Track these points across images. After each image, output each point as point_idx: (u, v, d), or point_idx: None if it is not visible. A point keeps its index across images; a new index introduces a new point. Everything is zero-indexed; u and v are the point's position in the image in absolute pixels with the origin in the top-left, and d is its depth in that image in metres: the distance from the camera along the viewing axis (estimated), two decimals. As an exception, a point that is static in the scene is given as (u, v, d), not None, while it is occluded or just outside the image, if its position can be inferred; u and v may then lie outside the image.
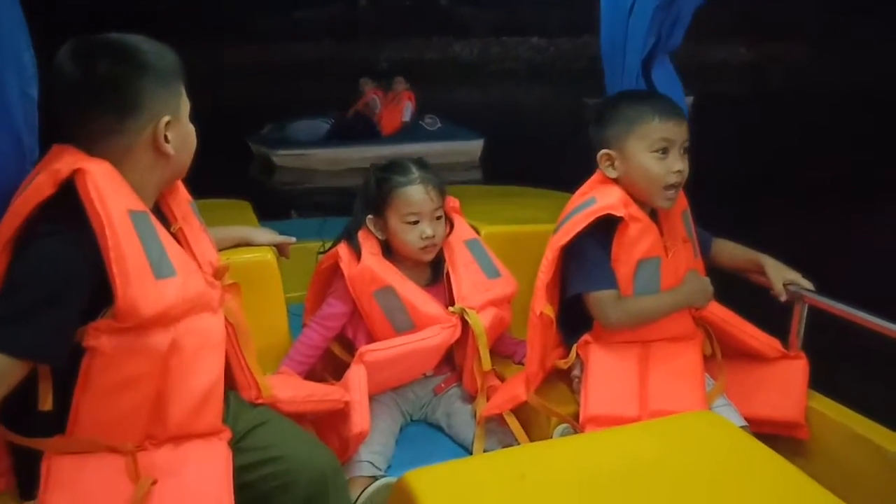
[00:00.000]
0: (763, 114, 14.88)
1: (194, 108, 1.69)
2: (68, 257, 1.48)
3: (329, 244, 2.31)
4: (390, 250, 2.25)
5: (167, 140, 1.60)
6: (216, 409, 1.65)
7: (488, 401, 2.19)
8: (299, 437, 1.80)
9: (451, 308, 2.19)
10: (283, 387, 1.91)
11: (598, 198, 2.13)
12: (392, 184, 2.20)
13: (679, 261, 2.15)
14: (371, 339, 2.23)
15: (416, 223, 2.19)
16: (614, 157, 2.13)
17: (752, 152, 10.90)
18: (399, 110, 11.14)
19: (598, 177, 2.20)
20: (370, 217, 2.23)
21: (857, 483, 1.95)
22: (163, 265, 1.54)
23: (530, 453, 1.66)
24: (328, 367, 2.32)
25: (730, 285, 2.33)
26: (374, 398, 2.14)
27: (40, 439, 1.52)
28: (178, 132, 1.63)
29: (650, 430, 1.68)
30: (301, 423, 1.91)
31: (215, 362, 1.65)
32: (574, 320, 2.21)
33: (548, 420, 2.16)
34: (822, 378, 2.20)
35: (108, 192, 1.51)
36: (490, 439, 2.16)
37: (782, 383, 2.17)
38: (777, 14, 24.69)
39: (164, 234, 1.60)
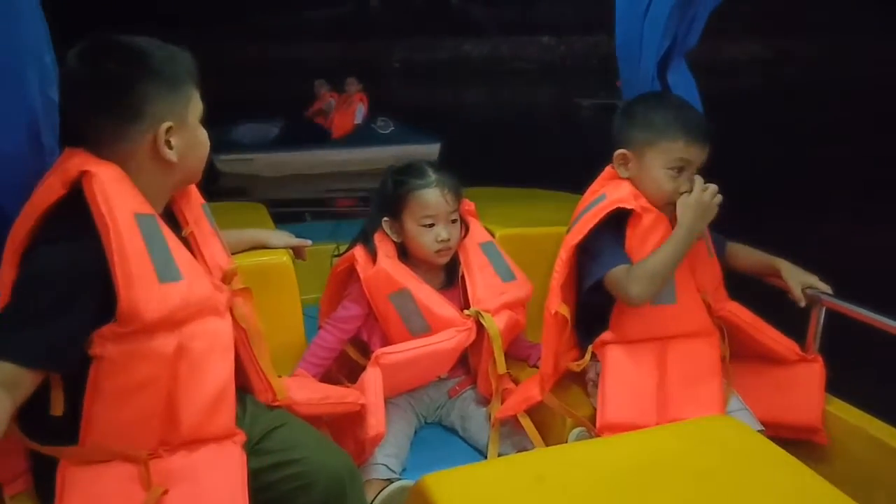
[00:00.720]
0: (774, 110, 14.80)
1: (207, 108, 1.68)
2: (75, 262, 1.48)
3: (344, 247, 2.31)
4: (406, 253, 2.25)
5: (171, 146, 1.59)
6: (228, 411, 1.65)
7: (503, 404, 2.18)
8: (316, 440, 1.80)
9: (466, 311, 2.18)
10: (299, 389, 1.91)
11: (608, 193, 2.14)
12: (409, 186, 2.19)
13: (692, 255, 2.12)
14: (386, 341, 2.22)
15: (431, 226, 2.18)
16: (630, 158, 2.14)
17: (762, 148, 10.83)
18: (351, 112, 10.69)
19: (608, 174, 2.21)
20: (386, 219, 2.23)
21: (877, 487, 1.94)
22: (168, 269, 1.53)
23: (548, 457, 1.65)
24: (343, 369, 2.32)
25: (744, 287, 2.31)
26: (389, 401, 2.14)
27: (56, 447, 1.52)
28: (185, 137, 1.61)
29: (667, 434, 1.66)
30: (317, 425, 1.91)
31: (224, 365, 1.65)
32: (589, 321, 2.21)
33: (563, 423, 2.16)
34: (839, 382, 2.18)
35: (114, 195, 1.51)
36: (505, 442, 2.16)
37: (799, 387, 2.16)
38: (789, 10, 24.58)
39: (171, 238, 1.59)
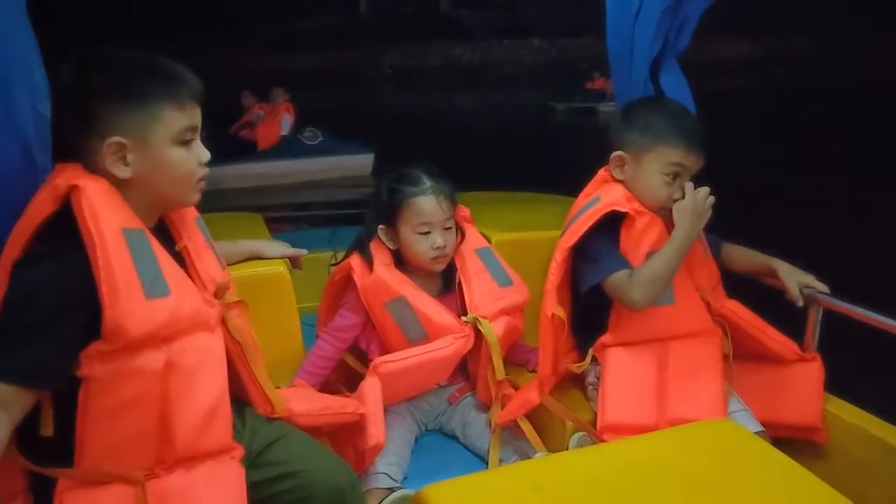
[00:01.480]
0: (766, 108, 14.87)
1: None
2: (62, 279, 1.46)
3: (341, 254, 2.31)
4: (402, 260, 2.25)
5: (126, 162, 1.55)
6: (224, 426, 1.63)
7: (503, 409, 2.18)
8: (317, 452, 1.80)
9: (463, 318, 2.18)
10: (299, 400, 1.91)
11: (602, 196, 2.15)
12: (403, 194, 2.19)
13: (689, 256, 2.12)
14: (384, 349, 2.22)
15: (427, 233, 2.18)
16: (627, 161, 2.15)
17: (754, 149, 10.88)
18: (277, 123, 10.45)
19: (602, 176, 2.22)
20: (381, 227, 2.23)
21: (876, 485, 1.94)
22: (156, 284, 1.52)
23: (547, 465, 1.65)
24: (342, 378, 2.31)
25: (741, 287, 2.32)
26: (389, 409, 2.13)
27: (53, 469, 1.51)
28: (145, 156, 1.56)
29: (667, 440, 1.66)
30: (317, 436, 1.90)
31: (217, 380, 1.63)
32: (587, 323, 2.21)
33: (563, 427, 2.16)
34: (838, 381, 2.19)
35: (102, 209, 1.50)
36: (506, 448, 2.16)
37: (798, 386, 2.16)
38: (779, 8, 24.68)
39: (160, 253, 1.58)
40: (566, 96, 19.18)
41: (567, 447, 2.14)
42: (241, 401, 1.80)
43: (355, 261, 2.21)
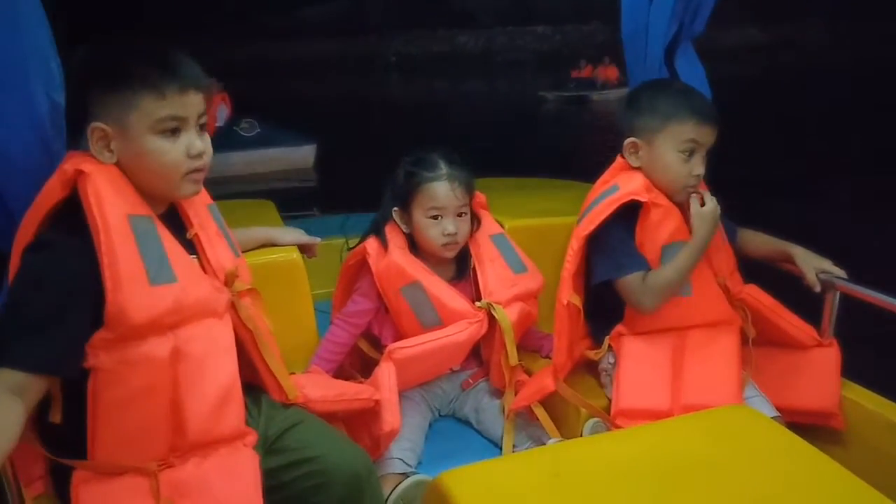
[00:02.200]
0: (776, 95, 14.81)
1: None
2: (69, 264, 1.47)
3: (354, 241, 2.30)
4: (416, 245, 2.24)
5: (111, 149, 1.55)
6: (236, 412, 1.63)
7: (517, 395, 2.18)
8: (332, 438, 1.80)
9: (477, 303, 2.17)
10: (314, 386, 1.91)
11: (620, 185, 2.14)
12: (418, 178, 2.18)
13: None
14: (397, 334, 2.22)
15: (439, 219, 2.17)
16: (640, 146, 2.14)
17: (766, 134, 10.85)
18: (211, 115, 10.34)
19: (620, 164, 2.21)
20: (396, 210, 2.23)
21: (894, 471, 1.92)
22: (161, 271, 1.52)
23: (564, 451, 1.64)
24: (356, 363, 2.32)
25: (757, 272, 2.31)
26: (403, 395, 2.13)
27: (69, 459, 1.52)
28: (126, 144, 1.56)
29: (684, 426, 1.66)
30: (333, 422, 1.90)
31: (226, 367, 1.63)
32: (602, 310, 2.21)
33: (577, 414, 2.15)
34: (855, 367, 2.18)
35: (108, 195, 1.51)
36: (520, 434, 2.16)
37: (815, 372, 2.16)
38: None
39: (167, 240, 1.58)
40: (557, 85, 19.02)
41: (581, 433, 2.13)
42: (257, 387, 1.80)
43: (370, 245, 2.21)
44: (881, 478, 1.54)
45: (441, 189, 2.16)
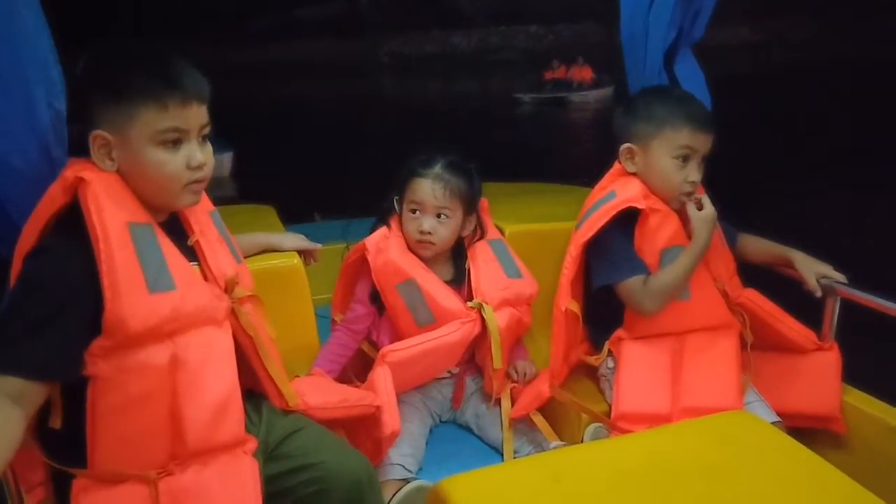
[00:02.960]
0: (766, 92, 14.85)
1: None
2: (69, 271, 1.47)
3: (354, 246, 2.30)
4: None
5: (112, 157, 1.56)
6: (236, 419, 1.63)
7: (513, 402, 2.18)
8: (333, 444, 1.80)
9: (469, 303, 2.17)
10: (315, 392, 1.90)
11: (617, 191, 2.15)
12: (410, 171, 2.22)
13: None
14: (394, 334, 2.22)
15: (417, 214, 2.19)
16: (636, 152, 2.15)
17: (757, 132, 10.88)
18: None
19: (617, 170, 2.22)
20: (396, 198, 2.26)
21: (894, 476, 1.94)
22: (160, 278, 1.52)
23: (564, 457, 1.64)
24: (358, 366, 2.30)
25: (757, 276, 2.32)
26: (403, 400, 2.13)
27: (69, 467, 1.52)
28: (126, 154, 1.56)
29: (684, 432, 1.66)
30: (333, 428, 1.90)
31: (226, 374, 1.63)
32: (601, 315, 2.21)
33: (578, 419, 2.16)
34: (855, 372, 2.19)
35: (107, 203, 1.51)
36: (520, 440, 2.16)
37: (816, 375, 2.16)
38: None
39: (167, 247, 1.57)
40: (533, 86, 18.70)
41: (582, 438, 2.14)
42: (258, 394, 1.80)
43: (370, 241, 2.22)
44: (881, 482, 1.55)
45: (423, 185, 2.18)
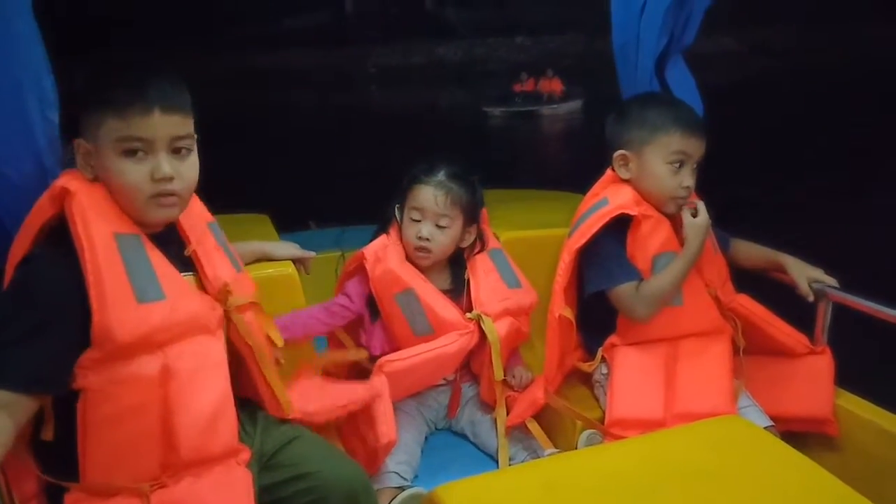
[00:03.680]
0: (749, 101, 14.94)
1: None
2: (56, 282, 1.47)
3: (350, 254, 2.30)
4: None
5: (91, 165, 1.56)
6: (228, 429, 1.62)
7: (508, 410, 2.18)
8: (329, 453, 1.79)
9: (468, 314, 2.17)
10: (308, 400, 1.89)
11: (610, 198, 2.16)
12: (413, 178, 2.22)
13: None
14: (388, 343, 2.22)
15: (417, 221, 2.19)
16: (630, 158, 2.16)
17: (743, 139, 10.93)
18: None
19: (610, 177, 2.23)
20: (398, 205, 2.25)
21: (887, 480, 1.95)
22: (149, 289, 1.51)
23: (558, 464, 1.65)
24: (351, 376, 2.28)
25: (750, 281, 2.33)
26: (399, 408, 2.13)
27: (61, 481, 1.51)
28: (101, 165, 1.55)
29: (677, 438, 1.67)
30: (327, 435, 1.90)
31: (217, 383, 1.62)
32: (594, 321, 2.22)
33: (573, 425, 2.16)
34: (848, 375, 2.19)
35: (93, 213, 1.50)
36: (516, 447, 2.16)
37: (809, 379, 2.17)
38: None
39: (156, 258, 1.56)
40: (502, 100, 18.26)
41: (576, 445, 2.14)
42: (253, 403, 1.79)
43: (368, 251, 2.22)
44: (874, 485, 1.56)
45: (424, 192, 2.18)
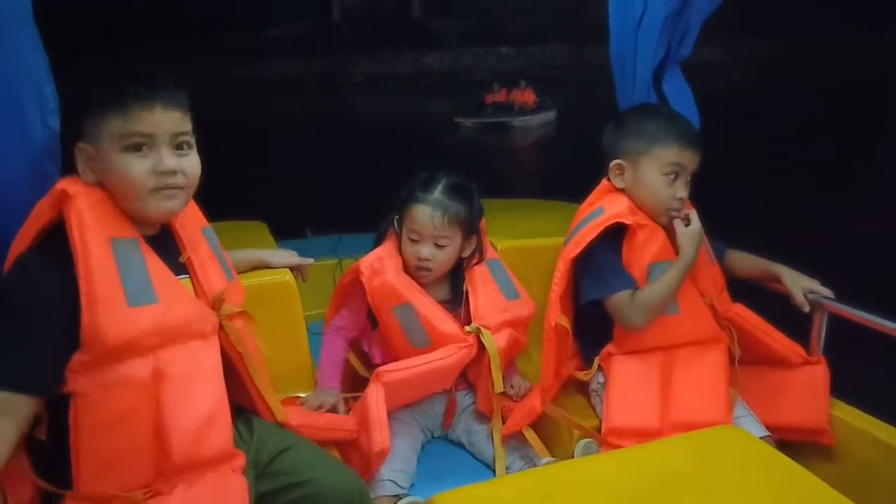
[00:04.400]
0: (737, 112, 15.06)
1: None
2: (42, 285, 1.47)
3: (347, 262, 2.30)
4: None
5: (92, 169, 1.56)
6: (222, 433, 1.61)
7: (504, 420, 2.18)
8: (325, 461, 1.79)
9: (467, 327, 2.17)
10: (301, 415, 1.92)
11: (605, 207, 2.16)
12: (410, 196, 2.19)
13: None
14: (387, 352, 2.22)
15: (416, 241, 2.18)
16: (626, 168, 2.17)
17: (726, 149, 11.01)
18: None
19: (605, 186, 2.24)
20: (396, 217, 2.24)
21: (882, 490, 1.96)
22: (141, 292, 1.51)
23: (555, 473, 1.65)
24: (346, 380, 2.29)
25: (746, 291, 2.34)
26: (395, 416, 2.13)
27: (56, 489, 1.50)
28: (103, 165, 1.56)
29: (674, 447, 1.67)
30: (324, 444, 1.90)
31: (211, 388, 1.62)
32: (591, 330, 2.22)
33: (570, 434, 2.16)
34: (843, 386, 2.21)
35: (89, 218, 1.51)
36: (512, 455, 2.16)
37: (804, 389, 2.18)
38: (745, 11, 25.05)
39: (152, 262, 1.57)
40: (474, 111, 17.95)
41: (573, 454, 2.14)
42: (249, 411, 1.79)
43: (364, 263, 2.20)
44: (869, 495, 1.58)
45: (422, 213, 2.16)
